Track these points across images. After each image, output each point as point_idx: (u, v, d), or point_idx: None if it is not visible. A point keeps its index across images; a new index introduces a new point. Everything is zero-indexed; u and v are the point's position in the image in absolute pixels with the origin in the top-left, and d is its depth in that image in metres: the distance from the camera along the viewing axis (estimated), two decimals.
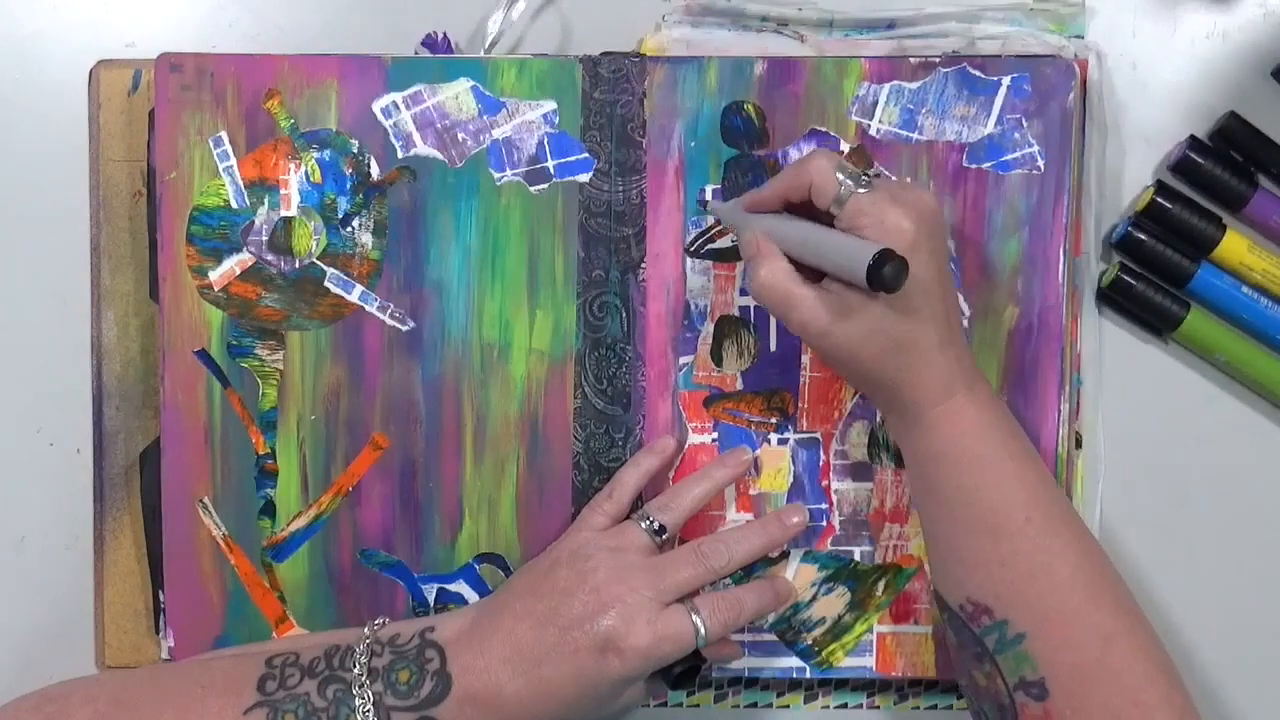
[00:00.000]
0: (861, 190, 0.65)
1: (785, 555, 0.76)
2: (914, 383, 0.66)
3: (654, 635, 0.67)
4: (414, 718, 0.66)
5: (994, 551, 0.65)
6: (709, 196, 0.74)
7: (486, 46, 0.76)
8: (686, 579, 0.69)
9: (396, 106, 0.75)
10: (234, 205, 0.75)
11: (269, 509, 0.75)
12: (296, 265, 0.75)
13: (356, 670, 0.67)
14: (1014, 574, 0.65)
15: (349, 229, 0.75)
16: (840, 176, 0.65)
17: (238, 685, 0.67)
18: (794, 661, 0.76)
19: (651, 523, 0.71)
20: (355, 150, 0.75)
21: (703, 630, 0.68)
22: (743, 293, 0.75)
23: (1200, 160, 0.76)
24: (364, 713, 0.65)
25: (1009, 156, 0.74)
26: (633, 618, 0.67)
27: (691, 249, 0.75)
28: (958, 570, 0.67)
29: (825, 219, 0.66)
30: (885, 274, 0.61)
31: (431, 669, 0.67)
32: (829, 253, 0.64)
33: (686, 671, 0.69)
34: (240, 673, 0.67)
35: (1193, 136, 0.77)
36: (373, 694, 0.66)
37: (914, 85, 0.74)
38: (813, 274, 0.66)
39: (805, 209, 0.67)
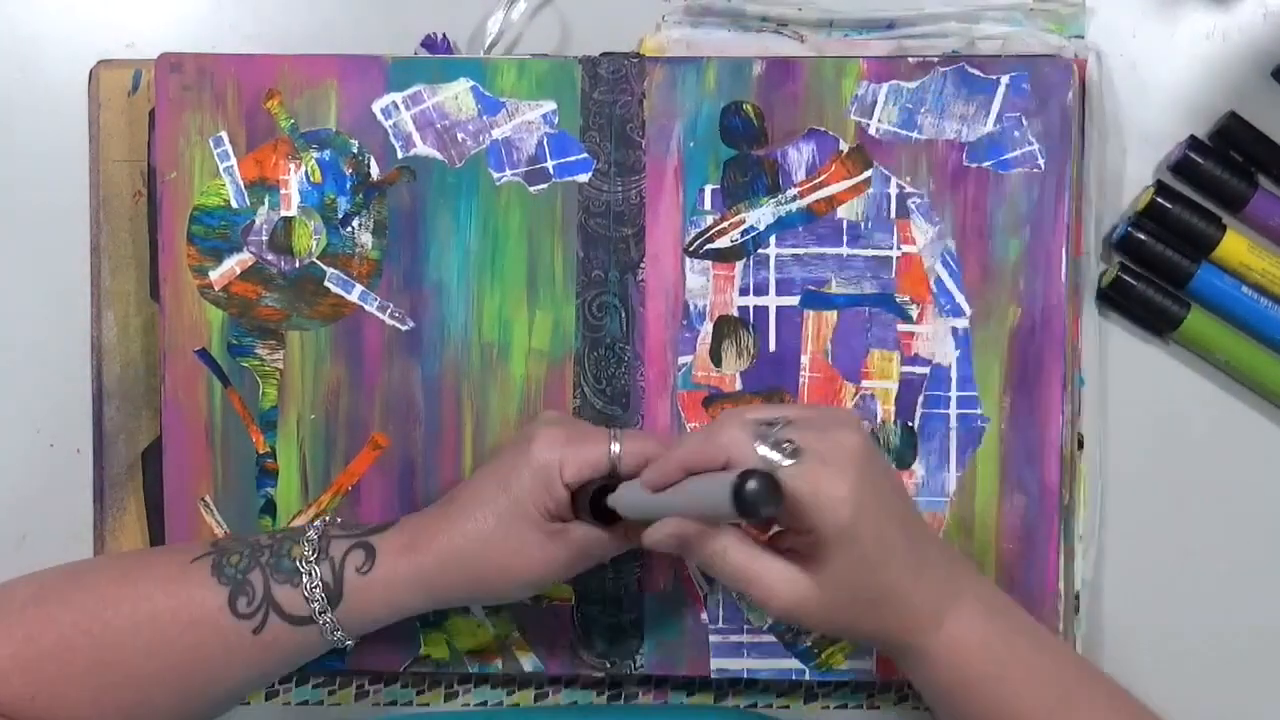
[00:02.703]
0: (788, 464, 0.60)
1: None
2: (902, 627, 0.63)
3: (568, 434, 0.67)
4: (352, 543, 0.67)
5: None
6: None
7: (486, 47, 0.76)
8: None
9: (396, 107, 0.75)
10: (234, 205, 0.75)
11: (269, 508, 0.75)
12: (296, 265, 0.75)
13: (309, 531, 0.68)
14: None
15: (349, 229, 0.75)
16: (762, 451, 0.61)
17: (185, 546, 0.71)
18: (794, 663, 0.76)
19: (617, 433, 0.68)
20: (355, 150, 0.75)
21: (617, 447, 0.66)
22: (742, 292, 0.75)
23: (1200, 160, 0.76)
24: (308, 540, 0.67)
25: (1009, 155, 0.74)
26: (555, 422, 0.68)
27: (690, 249, 0.75)
28: None
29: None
30: (748, 494, 0.55)
31: (379, 522, 0.69)
32: (700, 501, 0.60)
33: (600, 493, 0.66)
34: (190, 542, 0.72)
35: (1193, 137, 0.77)
36: (317, 531, 0.68)
37: (913, 84, 0.74)
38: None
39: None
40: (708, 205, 0.75)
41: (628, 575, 0.75)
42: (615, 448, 0.66)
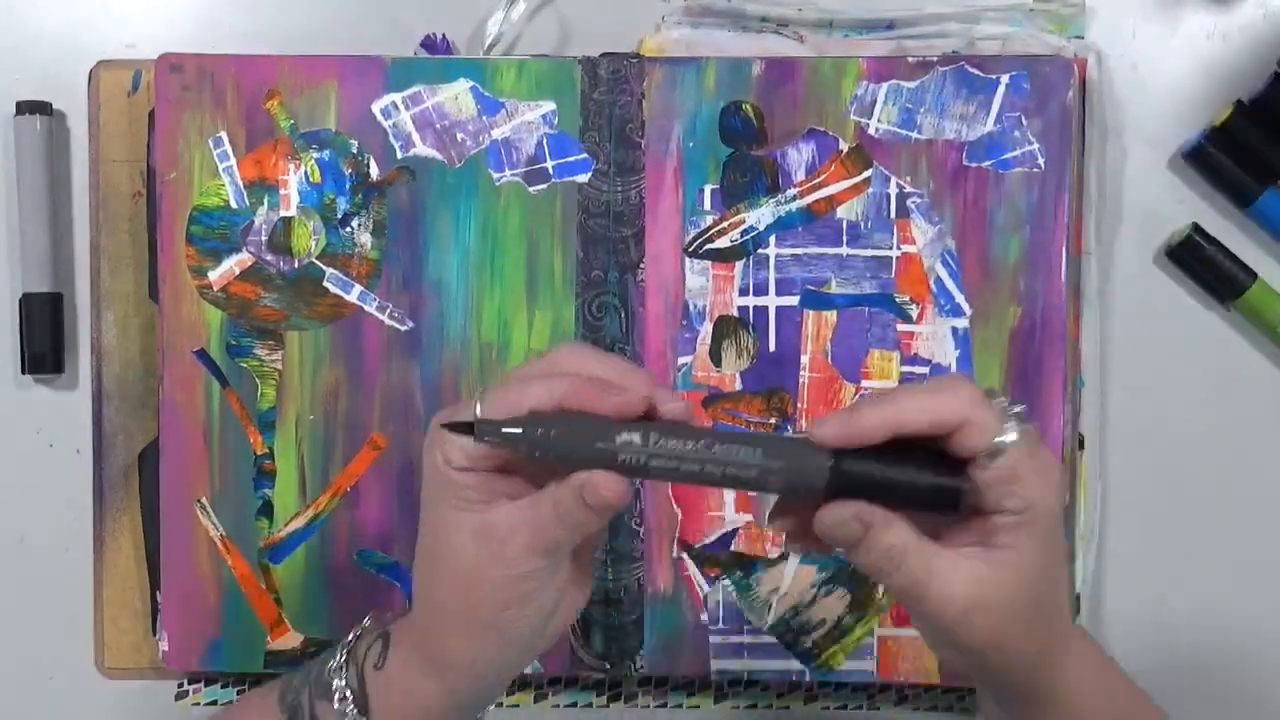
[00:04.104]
0: (1013, 436, 0.53)
1: (784, 557, 0.75)
2: (1052, 648, 0.58)
3: (440, 420, 0.56)
4: (374, 636, 0.60)
5: None
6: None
7: (486, 47, 0.76)
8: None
9: (396, 107, 0.75)
10: (233, 205, 0.75)
11: (267, 509, 0.75)
12: (295, 265, 0.75)
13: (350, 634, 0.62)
14: None
15: (348, 229, 0.75)
16: (992, 417, 0.54)
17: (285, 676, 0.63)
18: (794, 664, 0.75)
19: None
20: (355, 150, 0.75)
21: (477, 405, 0.55)
22: (742, 293, 0.75)
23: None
24: (344, 645, 0.61)
25: (1009, 155, 0.74)
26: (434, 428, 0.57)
27: (690, 249, 0.75)
28: None
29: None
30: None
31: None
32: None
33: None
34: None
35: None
36: (356, 633, 0.62)
37: (912, 84, 0.74)
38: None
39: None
40: (707, 205, 0.75)
41: (627, 575, 0.75)
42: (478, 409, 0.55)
